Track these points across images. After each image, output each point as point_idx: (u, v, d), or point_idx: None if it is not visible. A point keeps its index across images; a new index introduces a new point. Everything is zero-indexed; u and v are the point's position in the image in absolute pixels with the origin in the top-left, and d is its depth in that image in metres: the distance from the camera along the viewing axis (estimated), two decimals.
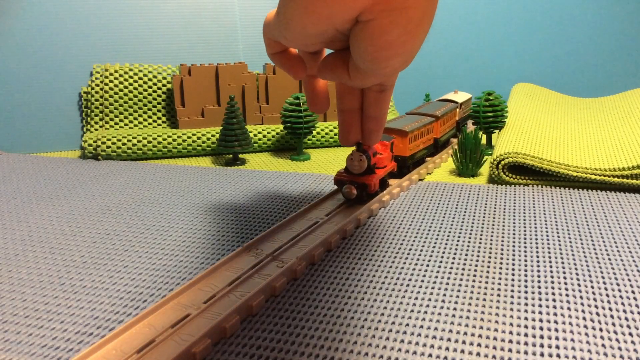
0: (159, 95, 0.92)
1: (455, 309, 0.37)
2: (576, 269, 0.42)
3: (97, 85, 0.90)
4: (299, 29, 0.27)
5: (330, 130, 0.88)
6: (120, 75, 0.90)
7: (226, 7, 1.00)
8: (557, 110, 0.96)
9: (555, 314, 0.36)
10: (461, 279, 0.41)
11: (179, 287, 0.39)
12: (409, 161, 0.66)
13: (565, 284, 0.40)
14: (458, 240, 0.48)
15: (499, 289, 0.39)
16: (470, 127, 0.96)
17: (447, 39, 1.14)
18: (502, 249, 0.46)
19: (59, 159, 0.84)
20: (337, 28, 0.27)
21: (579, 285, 0.40)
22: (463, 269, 0.43)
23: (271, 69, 0.91)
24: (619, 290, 0.39)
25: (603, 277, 0.41)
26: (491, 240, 0.48)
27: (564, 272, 0.42)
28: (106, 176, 0.73)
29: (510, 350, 0.32)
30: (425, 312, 0.36)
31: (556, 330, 0.34)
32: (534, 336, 0.33)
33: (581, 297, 0.38)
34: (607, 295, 0.38)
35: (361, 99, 0.40)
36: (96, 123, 0.89)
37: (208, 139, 0.84)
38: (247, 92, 0.89)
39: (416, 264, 0.44)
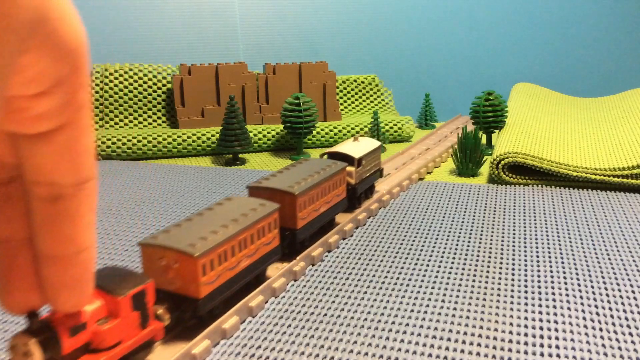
0: (159, 95, 0.92)
1: (455, 309, 0.37)
2: (576, 269, 0.42)
3: (97, 85, 0.90)
4: None
5: (330, 130, 0.88)
6: (120, 75, 0.90)
7: (226, 7, 1.00)
8: (557, 110, 0.96)
9: (555, 314, 0.36)
10: (461, 279, 0.41)
11: None
12: (209, 305, 0.33)
13: (565, 284, 0.40)
14: (458, 240, 0.48)
15: (499, 289, 0.39)
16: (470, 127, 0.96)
17: (447, 39, 1.14)
18: (502, 249, 0.46)
19: None
20: None
21: (579, 285, 0.40)
22: (463, 269, 0.43)
23: (271, 69, 0.91)
24: (619, 290, 0.39)
25: (603, 277, 0.41)
26: (491, 240, 0.48)
27: (564, 272, 0.42)
28: (106, 176, 0.73)
29: (510, 350, 0.32)
30: (425, 312, 0.36)
31: (556, 330, 0.34)
32: (534, 336, 0.33)
33: (581, 297, 0.38)
34: (607, 295, 0.38)
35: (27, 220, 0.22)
36: (96, 123, 0.89)
37: (208, 138, 0.84)
38: (247, 92, 0.89)
39: (416, 264, 0.44)
